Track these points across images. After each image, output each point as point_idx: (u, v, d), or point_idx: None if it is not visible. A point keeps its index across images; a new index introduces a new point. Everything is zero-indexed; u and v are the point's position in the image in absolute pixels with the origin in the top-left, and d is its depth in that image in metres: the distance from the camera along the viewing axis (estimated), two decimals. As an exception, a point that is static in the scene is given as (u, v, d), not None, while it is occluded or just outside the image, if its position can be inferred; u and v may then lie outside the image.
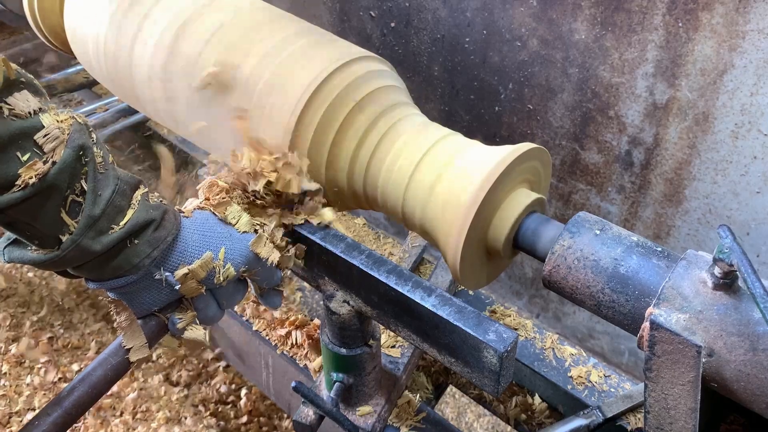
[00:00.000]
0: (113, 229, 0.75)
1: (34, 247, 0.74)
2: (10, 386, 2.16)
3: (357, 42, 1.31)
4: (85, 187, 0.72)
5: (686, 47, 1.24)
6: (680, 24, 1.23)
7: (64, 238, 0.72)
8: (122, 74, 1.28)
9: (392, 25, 1.69)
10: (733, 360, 0.71)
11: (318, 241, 0.96)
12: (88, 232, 0.73)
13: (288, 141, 1.04)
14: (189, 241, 0.83)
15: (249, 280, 0.93)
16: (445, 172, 0.97)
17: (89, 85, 2.14)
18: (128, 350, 0.83)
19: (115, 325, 0.83)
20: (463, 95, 1.66)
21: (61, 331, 2.36)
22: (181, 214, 0.87)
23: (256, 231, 0.90)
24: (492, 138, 1.67)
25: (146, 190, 0.81)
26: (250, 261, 0.88)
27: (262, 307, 1.49)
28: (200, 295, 0.86)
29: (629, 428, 1.16)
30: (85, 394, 0.80)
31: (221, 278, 0.85)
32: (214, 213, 0.89)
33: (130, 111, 1.90)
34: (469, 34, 1.55)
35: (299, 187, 0.94)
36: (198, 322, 0.89)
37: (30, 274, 2.56)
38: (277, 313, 1.46)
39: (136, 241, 0.77)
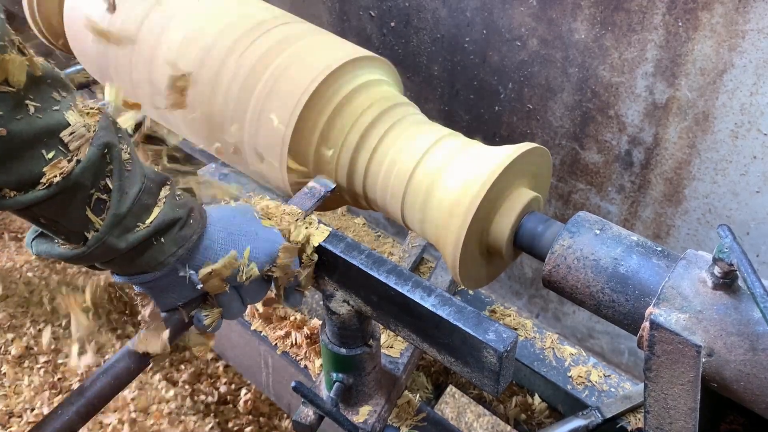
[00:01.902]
0: (139, 227, 0.75)
1: (61, 242, 0.74)
2: (10, 386, 2.16)
3: (357, 42, 1.31)
4: (111, 185, 0.71)
5: (686, 47, 1.24)
6: (680, 23, 1.23)
7: (89, 236, 0.71)
8: (122, 75, 1.28)
9: (392, 24, 1.68)
10: (733, 360, 0.71)
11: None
12: (114, 230, 0.72)
13: (287, 143, 1.04)
14: (215, 240, 0.83)
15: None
16: (445, 172, 0.97)
17: (89, 85, 2.14)
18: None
19: (139, 317, 0.84)
20: (462, 95, 1.66)
21: (61, 331, 2.36)
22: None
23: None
24: (492, 138, 1.66)
25: (174, 187, 0.81)
26: (275, 260, 0.88)
27: (258, 305, 1.49)
28: (224, 292, 0.86)
29: (629, 428, 1.16)
30: (108, 384, 0.80)
31: (244, 277, 0.85)
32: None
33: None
34: (469, 34, 1.54)
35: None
36: (222, 317, 0.89)
37: (29, 274, 2.56)
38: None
39: (162, 240, 0.77)
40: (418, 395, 1.33)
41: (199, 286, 0.82)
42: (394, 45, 1.72)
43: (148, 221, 0.75)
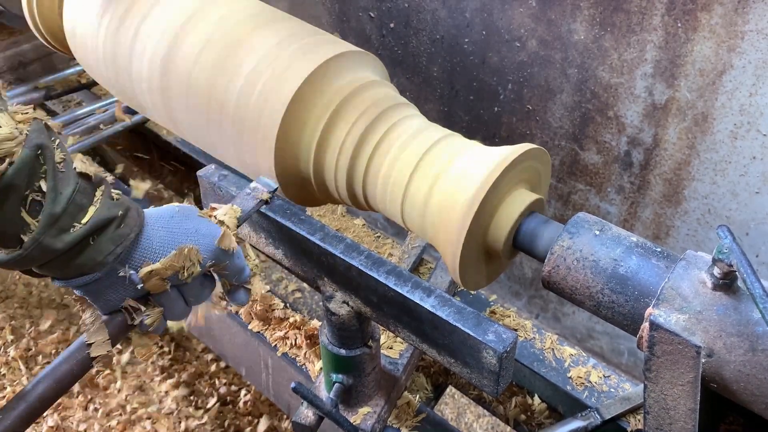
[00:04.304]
0: (75, 227, 0.75)
1: None
2: (11, 387, 2.16)
3: (356, 43, 1.31)
4: (44, 187, 0.72)
5: (685, 48, 1.25)
6: (679, 24, 1.23)
7: (25, 238, 0.72)
8: (122, 77, 1.28)
9: (391, 25, 1.69)
10: (733, 360, 0.71)
11: (317, 241, 0.96)
12: (50, 231, 0.73)
13: (273, 143, 1.04)
14: (154, 238, 0.83)
15: (216, 276, 0.93)
16: (445, 173, 0.97)
17: (89, 85, 2.14)
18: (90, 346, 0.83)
19: (80, 322, 0.83)
20: (462, 96, 1.66)
21: (60, 332, 2.36)
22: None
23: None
24: (491, 138, 1.67)
25: (109, 187, 0.81)
26: (217, 256, 0.87)
27: (258, 308, 1.49)
28: (166, 291, 0.85)
29: (629, 429, 1.16)
30: (50, 388, 0.80)
31: (186, 275, 0.84)
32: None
33: (129, 112, 1.90)
34: (469, 35, 1.55)
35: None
36: (165, 318, 0.89)
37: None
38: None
39: (99, 239, 0.78)
40: (417, 396, 1.33)
41: (140, 286, 0.82)
42: (394, 46, 1.72)
43: (83, 220, 0.75)
